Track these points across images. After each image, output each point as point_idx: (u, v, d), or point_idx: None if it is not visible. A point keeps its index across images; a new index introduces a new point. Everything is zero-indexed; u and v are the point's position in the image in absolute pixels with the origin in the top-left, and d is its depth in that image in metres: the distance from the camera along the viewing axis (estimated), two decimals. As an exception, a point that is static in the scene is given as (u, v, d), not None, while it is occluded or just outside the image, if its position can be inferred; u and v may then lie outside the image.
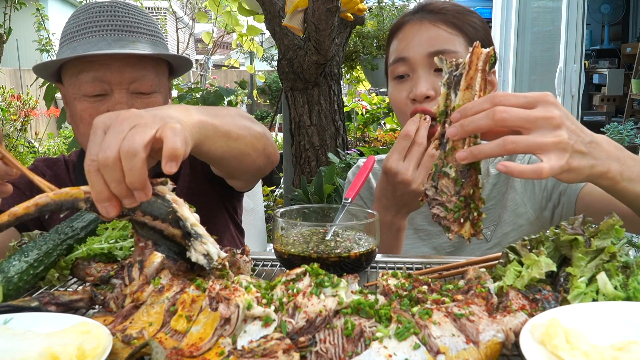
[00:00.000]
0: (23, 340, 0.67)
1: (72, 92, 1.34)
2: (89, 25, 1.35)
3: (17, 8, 4.25)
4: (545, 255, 0.82)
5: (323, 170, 3.49)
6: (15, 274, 0.90)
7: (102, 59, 1.30)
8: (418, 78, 1.30)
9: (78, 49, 1.32)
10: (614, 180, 0.89)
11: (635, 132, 5.65)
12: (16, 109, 6.59)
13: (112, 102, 1.31)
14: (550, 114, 0.83)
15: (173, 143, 0.76)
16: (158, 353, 0.66)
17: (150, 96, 1.36)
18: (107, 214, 0.79)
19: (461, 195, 0.88)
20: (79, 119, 1.34)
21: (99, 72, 1.30)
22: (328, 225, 1.05)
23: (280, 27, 3.53)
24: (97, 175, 0.77)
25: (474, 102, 0.86)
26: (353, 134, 5.48)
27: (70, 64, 1.34)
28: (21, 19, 4.84)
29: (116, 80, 1.31)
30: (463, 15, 1.36)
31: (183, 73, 1.57)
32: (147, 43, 1.38)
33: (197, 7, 7.67)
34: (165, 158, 0.75)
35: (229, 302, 0.71)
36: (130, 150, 0.75)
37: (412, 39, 1.33)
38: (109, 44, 1.33)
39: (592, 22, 8.17)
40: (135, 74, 1.32)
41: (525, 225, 1.41)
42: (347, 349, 0.67)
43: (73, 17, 1.40)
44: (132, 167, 0.75)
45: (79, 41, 1.34)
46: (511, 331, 0.69)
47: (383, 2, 4.72)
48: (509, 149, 0.82)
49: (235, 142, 1.10)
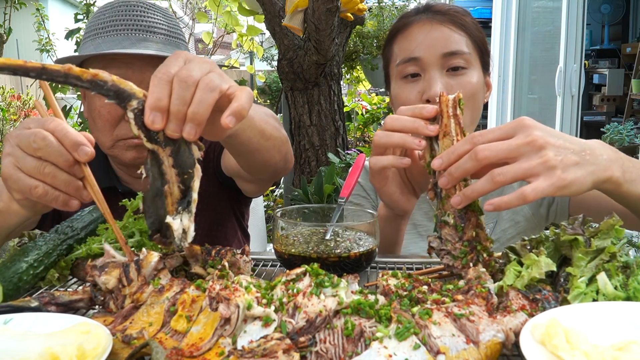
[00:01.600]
0: (23, 341, 0.67)
1: None
2: (115, 23, 1.36)
3: (17, 8, 4.25)
4: (545, 255, 0.82)
5: (323, 170, 3.49)
6: (15, 274, 0.90)
7: (125, 57, 1.32)
8: (431, 79, 1.30)
9: (102, 46, 1.33)
10: (617, 183, 0.89)
11: (635, 132, 5.65)
12: (16, 109, 6.58)
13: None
14: (531, 138, 0.82)
15: (243, 102, 0.78)
16: (158, 353, 0.66)
17: None
18: (152, 123, 0.76)
19: (464, 240, 0.89)
20: (97, 115, 1.34)
21: (120, 70, 1.30)
22: (328, 225, 1.05)
23: (280, 27, 3.53)
24: (166, 85, 0.77)
25: (455, 146, 0.88)
26: (353, 134, 5.48)
27: (92, 60, 1.34)
28: (21, 19, 4.84)
29: (137, 79, 1.29)
30: (463, 16, 1.37)
31: None
32: (170, 44, 1.39)
33: (197, 7, 7.67)
34: (230, 110, 0.77)
35: (229, 302, 0.71)
36: (211, 85, 0.77)
37: (424, 39, 1.33)
38: (132, 43, 1.33)
39: (592, 22, 8.17)
40: None
41: (522, 221, 1.43)
42: (347, 349, 0.67)
43: (98, 14, 1.41)
44: (205, 100, 0.76)
45: (103, 38, 1.35)
46: (511, 331, 0.69)
47: (383, 2, 4.72)
48: (499, 181, 0.83)
49: (267, 141, 1.12)
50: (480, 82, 1.35)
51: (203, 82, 0.77)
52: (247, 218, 1.63)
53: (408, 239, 1.45)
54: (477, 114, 1.36)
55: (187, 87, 0.76)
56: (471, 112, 1.33)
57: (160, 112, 0.76)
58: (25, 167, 0.86)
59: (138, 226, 1.04)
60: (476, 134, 0.86)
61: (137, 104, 0.78)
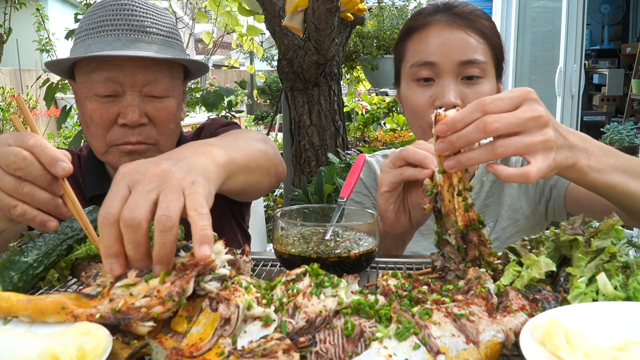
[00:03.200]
0: (23, 341, 0.67)
1: (84, 91, 1.31)
2: (105, 23, 1.30)
3: (17, 8, 4.25)
4: (545, 255, 0.82)
5: (323, 170, 3.49)
6: (15, 274, 0.90)
7: (116, 59, 1.27)
8: (446, 86, 1.28)
9: (92, 47, 1.28)
10: (581, 172, 0.89)
11: (635, 132, 5.64)
12: (16, 109, 6.58)
13: (124, 104, 1.28)
14: (538, 113, 0.82)
15: (202, 228, 0.72)
16: (158, 353, 0.66)
17: (162, 100, 1.32)
18: (111, 271, 0.74)
19: (467, 261, 0.89)
20: (89, 119, 1.30)
21: (111, 72, 1.27)
22: (328, 225, 1.05)
23: (280, 27, 3.53)
24: (110, 228, 0.72)
25: (463, 111, 0.83)
26: (353, 134, 5.48)
27: (83, 62, 1.30)
28: (21, 19, 4.84)
29: (129, 82, 1.28)
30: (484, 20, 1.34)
31: (199, 77, 1.55)
32: (164, 45, 1.34)
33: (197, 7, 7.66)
34: (197, 243, 0.71)
35: (229, 303, 0.71)
36: (167, 224, 0.71)
37: (442, 44, 1.29)
38: (123, 44, 1.28)
39: (592, 22, 8.17)
40: (149, 77, 1.29)
41: (521, 219, 1.42)
42: (347, 349, 0.67)
43: (89, 13, 1.36)
44: (166, 241, 0.72)
45: (94, 39, 1.30)
46: (511, 331, 0.69)
47: (383, 2, 4.72)
48: (499, 153, 0.81)
49: (253, 173, 1.11)
50: (492, 91, 1.33)
51: (160, 223, 0.71)
52: (247, 219, 1.62)
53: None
54: None
55: (136, 230, 0.72)
56: None
57: (116, 258, 0.74)
58: (4, 187, 0.87)
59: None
60: (487, 100, 0.82)
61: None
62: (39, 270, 0.93)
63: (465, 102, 1.28)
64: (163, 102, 1.33)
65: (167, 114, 1.34)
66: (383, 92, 7.53)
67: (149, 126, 1.32)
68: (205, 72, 1.49)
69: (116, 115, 1.29)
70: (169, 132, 1.36)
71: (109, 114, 1.29)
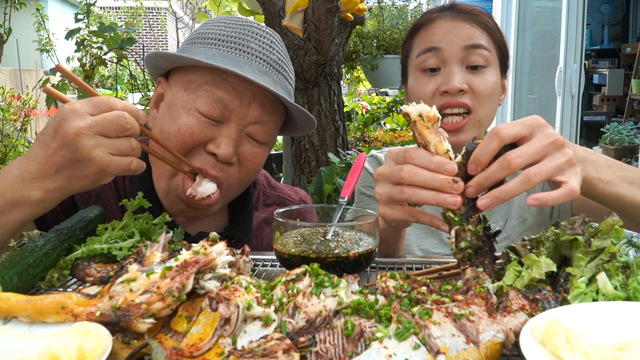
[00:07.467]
0: (23, 341, 0.67)
1: (183, 99, 1.18)
2: (240, 41, 1.19)
3: (17, 8, 4.24)
4: (545, 255, 0.82)
5: (323, 170, 3.49)
6: (15, 274, 0.89)
7: (238, 83, 1.16)
8: (451, 72, 1.32)
9: (217, 59, 1.15)
10: (591, 184, 0.94)
11: (635, 132, 5.65)
12: (16, 109, 6.58)
13: (222, 133, 1.17)
14: (553, 137, 0.86)
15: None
16: (158, 353, 0.66)
17: (261, 146, 1.23)
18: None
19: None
20: (177, 131, 1.16)
21: (228, 95, 1.16)
22: (328, 225, 1.05)
23: (280, 27, 3.53)
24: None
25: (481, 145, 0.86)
26: (353, 134, 5.48)
27: (196, 68, 1.18)
28: (21, 19, 4.84)
29: (241, 113, 1.17)
30: (486, 16, 1.40)
31: (296, 134, 1.48)
32: (285, 90, 1.23)
33: (197, 7, 7.67)
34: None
35: (229, 303, 0.71)
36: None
37: (448, 32, 1.34)
38: (253, 71, 1.17)
39: (592, 22, 8.18)
40: (262, 117, 1.20)
41: (529, 219, 1.46)
42: (347, 349, 0.67)
43: (221, 23, 1.24)
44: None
45: (221, 51, 1.18)
46: (511, 331, 0.69)
47: (383, 2, 4.72)
48: (535, 181, 0.84)
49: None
50: (497, 82, 1.38)
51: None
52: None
53: (418, 234, 1.47)
54: (492, 114, 1.38)
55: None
56: (487, 110, 1.34)
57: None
58: (124, 150, 0.96)
59: (138, 226, 1.04)
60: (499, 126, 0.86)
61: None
62: (38, 270, 0.93)
63: (472, 87, 1.33)
64: (261, 148, 1.23)
65: (256, 163, 1.24)
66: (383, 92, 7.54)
67: (234, 166, 1.21)
68: (308, 130, 1.35)
69: (208, 139, 1.17)
70: (248, 181, 1.28)
71: (201, 136, 1.17)
